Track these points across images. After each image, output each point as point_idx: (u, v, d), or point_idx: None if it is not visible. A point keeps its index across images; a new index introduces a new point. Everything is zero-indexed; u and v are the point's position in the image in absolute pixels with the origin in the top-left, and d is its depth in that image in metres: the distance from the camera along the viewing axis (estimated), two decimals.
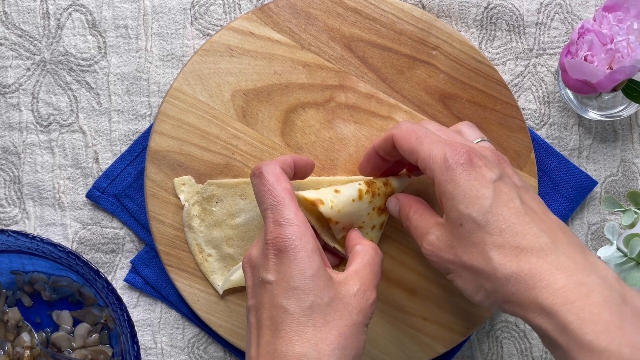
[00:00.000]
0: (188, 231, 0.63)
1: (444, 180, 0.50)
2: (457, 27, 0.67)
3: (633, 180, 0.68)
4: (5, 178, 0.66)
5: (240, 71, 0.64)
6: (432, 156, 0.51)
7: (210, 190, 0.63)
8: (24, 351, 0.64)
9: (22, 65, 0.66)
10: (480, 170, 0.49)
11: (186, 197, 0.63)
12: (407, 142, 0.53)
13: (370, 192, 0.58)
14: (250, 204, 0.63)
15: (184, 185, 0.63)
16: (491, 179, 0.49)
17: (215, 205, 0.63)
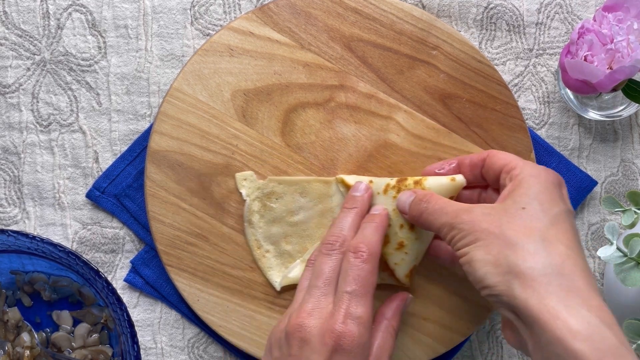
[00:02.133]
0: (248, 226, 0.64)
1: (529, 176, 0.52)
2: (457, 27, 0.67)
3: (633, 180, 0.68)
4: (5, 178, 0.66)
5: (240, 71, 0.64)
6: (526, 163, 0.54)
7: (271, 187, 0.63)
8: (24, 351, 0.64)
9: (22, 65, 0.66)
10: (563, 196, 0.52)
11: (247, 192, 0.63)
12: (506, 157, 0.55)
13: (397, 187, 0.58)
14: (310, 202, 0.63)
15: (245, 180, 0.63)
16: (568, 207, 0.52)
17: (275, 202, 0.63)
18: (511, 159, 0.55)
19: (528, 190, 0.51)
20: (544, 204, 0.50)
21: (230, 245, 0.64)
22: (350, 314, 0.51)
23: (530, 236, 0.48)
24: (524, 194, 0.51)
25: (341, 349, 0.50)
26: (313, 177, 0.64)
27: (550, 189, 0.51)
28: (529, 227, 0.49)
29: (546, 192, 0.51)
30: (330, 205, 0.63)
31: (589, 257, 0.68)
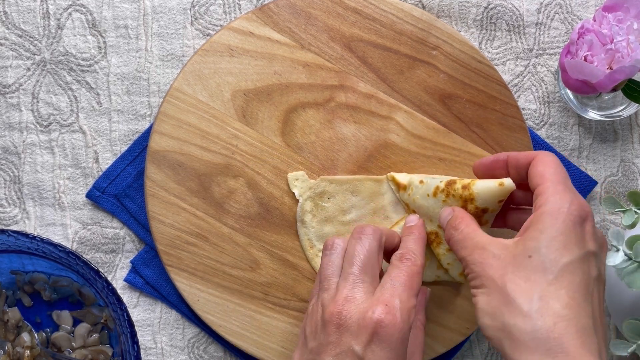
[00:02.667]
0: (300, 226, 0.64)
1: (549, 213, 0.49)
2: (457, 27, 0.67)
3: (633, 180, 0.68)
4: (5, 178, 0.66)
5: (240, 71, 0.64)
6: (557, 189, 0.50)
7: (323, 186, 0.63)
8: (24, 351, 0.64)
9: (22, 65, 0.66)
10: (585, 234, 0.49)
11: (300, 192, 0.63)
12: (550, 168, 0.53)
13: (446, 191, 0.58)
14: (361, 200, 0.63)
15: (297, 180, 0.64)
16: (589, 249, 0.49)
17: (328, 201, 0.63)
18: (544, 180, 0.52)
19: (542, 232, 0.49)
20: (554, 253, 0.48)
21: (230, 245, 0.64)
22: (392, 304, 0.50)
23: (528, 293, 0.47)
24: (536, 237, 0.49)
25: (379, 337, 0.49)
26: (364, 175, 0.64)
27: (568, 231, 0.48)
28: (530, 280, 0.48)
29: (561, 236, 0.48)
30: (382, 204, 0.63)
31: None
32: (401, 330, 0.50)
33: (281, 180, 0.64)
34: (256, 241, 0.64)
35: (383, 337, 0.49)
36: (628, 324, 0.57)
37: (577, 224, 0.49)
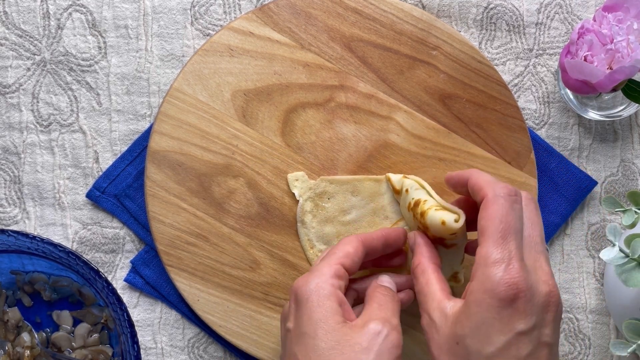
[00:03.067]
0: (300, 226, 0.64)
1: (474, 300, 0.47)
2: (457, 27, 0.67)
3: (633, 180, 0.68)
4: (5, 178, 0.66)
5: (240, 71, 0.64)
6: (490, 262, 0.47)
7: (323, 187, 0.63)
8: (24, 351, 0.64)
9: (22, 65, 0.66)
10: (514, 314, 0.46)
11: (300, 192, 0.63)
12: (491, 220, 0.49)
13: (412, 211, 0.58)
14: (361, 201, 0.63)
15: (297, 180, 0.64)
16: (518, 330, 0.47)
17: (328, 202, 0.63)
18: (482, 240, 0.49)
19: (468, 319, 0.48)
20: (477, 344, 0.47)
21: (230, 245, 0.64)
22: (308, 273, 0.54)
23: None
24: (463, 324, 0.48)
25: (300, 297, 0.52)
26: (364, 175, 0.64)
27: (492, 319, 0.47)
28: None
29: (484, 326, 0.47)
30: (382, 204, 0.63)
31: (589, 257, 0.68)
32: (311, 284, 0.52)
33: (281, 180, 0.64)
34: (256, 241, 0.64)
35: (299, 299, 0.52)
36: (628, 324, 0.57)
37: (503, 308, 0.46)
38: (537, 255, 0.50)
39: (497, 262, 0.47)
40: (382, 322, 0.51)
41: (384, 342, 0.50)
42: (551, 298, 0.48)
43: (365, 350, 0.49)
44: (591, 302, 0.68)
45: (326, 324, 0.50)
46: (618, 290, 0.63)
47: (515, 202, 0.50)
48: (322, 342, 0.49)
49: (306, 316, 0.50)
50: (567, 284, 0.67)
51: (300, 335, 0.50)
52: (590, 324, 0.68)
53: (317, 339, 0.49)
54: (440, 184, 0.64)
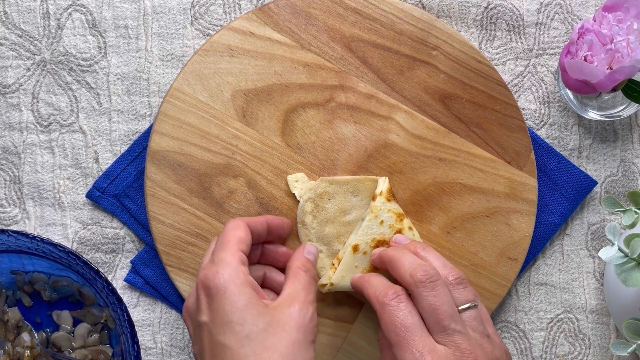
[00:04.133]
0: (301, 227, 0.64)
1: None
2: (457, 27, 0.67)
3: (633, 180, 0.68)
4: (5, 178, 0.66)
5: (241, 71, 0.64)
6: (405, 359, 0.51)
7: (323, 187, 0.63)
8: (24, 351, 0.64)
9: (23, 65, 0.66)
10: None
11: (300, 193, 0.63)
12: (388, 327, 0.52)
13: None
14: (362, 201, 0.63)
15: (297, 181, 0.63)
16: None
17: (328, 202, 0.63)
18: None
19: None
20: None
21: None
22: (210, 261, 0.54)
23: None
24: None
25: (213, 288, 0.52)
26: (363, 175, 0.64)
27: None
28: None
29: None
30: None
31: (589, 257, 0.68)
32: (224, 274, 0.52)
33: (281, 181, 0.64)
34: None
35: (213, 291, 0.52)
36: (628, 324, 0.57)
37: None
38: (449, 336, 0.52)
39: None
40: (305, 305, 0.53)
41: (309, 322, 0.52)
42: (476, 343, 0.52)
43: (295, 329, 0.51)
44: (591, 302, 0.68)
45: (253, 309, 0.51)
46: (618, 290, 0.63)
47: (399, 302, 0.53)
48: (253, 327, 0.50)
49: (228, 306, 0.50)
50: (567, 284, 0.67)
51: (225, 324, 0.50)
52: (590, 324, 0.68)
53: (247, 324, 0.50)
54: (440, 185, 0.64)
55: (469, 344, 0.51)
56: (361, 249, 0.60)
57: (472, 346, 0.51)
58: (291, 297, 0.53)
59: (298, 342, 0.50)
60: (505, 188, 0.65)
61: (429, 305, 0.52)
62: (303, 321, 0.51)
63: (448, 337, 0.51)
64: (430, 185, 0.64)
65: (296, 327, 0.51)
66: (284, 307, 0.52)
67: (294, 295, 0.53)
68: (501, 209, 0.65)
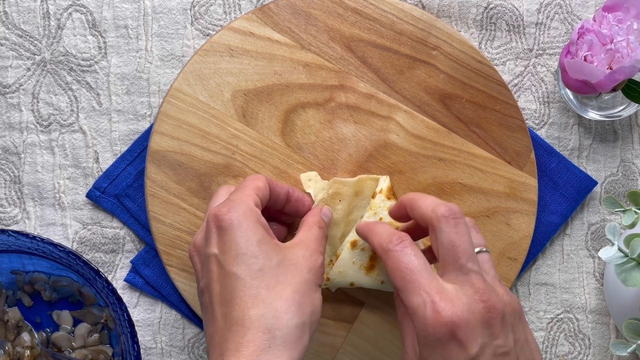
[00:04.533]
0: None
1: (423, 340, 0.48)
2: (457, 27, 0.67)
3: (633, 180, 0.68)
4: (5, 178, 0.66)
5: (241, 71, 0.64)
6: (413, 306, 0.48)
7: (335, 188, 0.61)
8: (24, 351, 0.64)
9: (23, 65, 0.66)
10: (460, 346, 0.47)
11: (315, 192, 0.62)
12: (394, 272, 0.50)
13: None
14: (363, 200, 0.62)
15: (310, 180, 0.63)
16: (469, 356, 0.47)
17: (339, 204, 0.61)
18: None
19: (407, 354, 0.50)
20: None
21: None
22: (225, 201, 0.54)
23: None
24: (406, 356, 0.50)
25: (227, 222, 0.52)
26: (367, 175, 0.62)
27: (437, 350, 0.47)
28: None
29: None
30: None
31: (589, 257, 0.68)
32: (238, 210, 0.52)
33: (281, 181, 0.64)
34: None
35: (226, 224, 0.51)
36: (628, 324, 0.57)
37: (443, 343, 0.47)
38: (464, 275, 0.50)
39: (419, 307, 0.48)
40: (316, 252, 0.54)
41: (319, 267, 0.53)
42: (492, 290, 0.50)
43: (306, 269, 0.52)
44: (591, 302, 0.68)
45: (266, 245, 0.51)
46: (618, 290, 0.63)
47: (403, 247, 0.51)
48: (267, 260, 0.50)
49: (242, 239, 0.51)
50: (567, 284, 0.67)
51: (238, 255, 0.50)
52: (590, 324, 0.68)
53: (261, 257, 0.50)
54: (440, 184, 0.64)
55: (484, 284, 0.49)
56: (359, 245, 0.59)
57: (487, 287, 0.49)
58: (303, 242, 0.54)
59: (309, 281, 0.51)
60: (505, 188, 0.65)
61: (449, 242, 0.50)
62: (314, 264, 0.52)
63: (464, 276, 0.49)
64: (430, 185, 0.64)
65: (307, 268, 0.52)
66: (296, 249, 0.53)
67: (306, 242, 0.54)
68: (501, 209, 0.65)
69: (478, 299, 0.48)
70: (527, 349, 0.50)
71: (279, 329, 0.48)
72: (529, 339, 0.51)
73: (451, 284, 0.49)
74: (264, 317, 0.48)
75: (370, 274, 0.60)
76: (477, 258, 0.50)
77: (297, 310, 0.49)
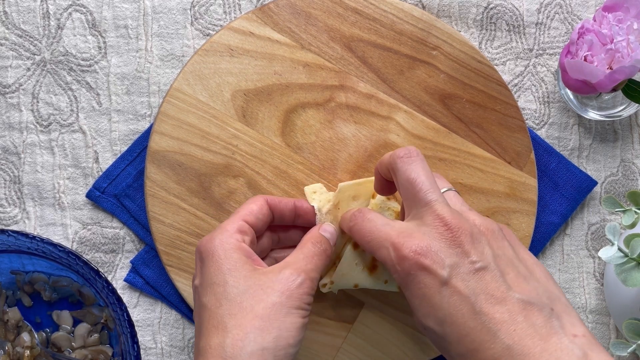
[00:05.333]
0: None
1: (400, 283, 0.49)
2: (457, 27, 0.67)
3: (633, 180, 0.68)
4: (5, 178, 0.66)
5: (241, 71, 0.64)
6: (382, 258, 0.49)
7: (339, 197, 0.59)
8: (24, 351, 0.64)
9: (22, 65, 0.66)
10: (430, 273, 0.47)
11: (319, 206, 0.60)
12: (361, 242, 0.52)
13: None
14: (362, 203, 0.60)
15: (315, 193, 0.61)
16: (441, 280, 0.46)
17: (339, 211, 0.59)
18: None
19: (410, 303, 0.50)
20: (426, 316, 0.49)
21: None
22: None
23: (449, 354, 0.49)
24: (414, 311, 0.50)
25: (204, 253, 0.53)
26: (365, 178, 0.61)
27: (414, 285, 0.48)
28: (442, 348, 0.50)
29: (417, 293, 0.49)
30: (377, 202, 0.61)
31: (589, 257, 0.68)
32: (214, 240, 0.52)
33: (281, 181, 0.64)
34: None
35: (203, 256, 0.52)
36: (628, 324, 0.57)
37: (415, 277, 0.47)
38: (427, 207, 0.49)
39: (386, 257, 0.49)
40: (297, 271, 0.51)
41: (297, 288, 0.50)
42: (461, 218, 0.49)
43: (276, 292, 0.49)
44: (591, 302, 0.68)
45: (236, 272, 0.50)
46: (618, 290, 0.63)
47: (360, 215, 0.53)
48: (233, 288, 0.50)
49: (213, 268, 0.51)
50: (567, 284, 0.67)
51: (208, 286, 0.50)
52: (590, 324, 0.68)
53: (228, 285, 0.50)
54: None
55: (447, 209, 0.48)
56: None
57: (450, 211, 0.48)
58: (286, 263, 0.52)
59: (278, 304, 0.49)
60: (505, 188, 0.65)
61: (406, 179, 0.49)
62: (289, 285, 0.50)
63: (424, 208, 0.48)
64: None
65: (280, 291, 0.49)
66: (274, 272, 0.51)
67: (290, 262, 0.52)
68: (501, 209, 0.65)
69: (439, 223, 0.47)
70: (520, 265, 0.49)
71: (233, 357, 0.47)
72: (523, 257, 0.50)
73: (411, 222, 0.49)
74: (221, 345, 0.48)
75: (373, 274, 0.59)
76: (439, 191, 0.49)
77: (256, 337, 0.48)
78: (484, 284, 0.46)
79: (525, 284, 0.47)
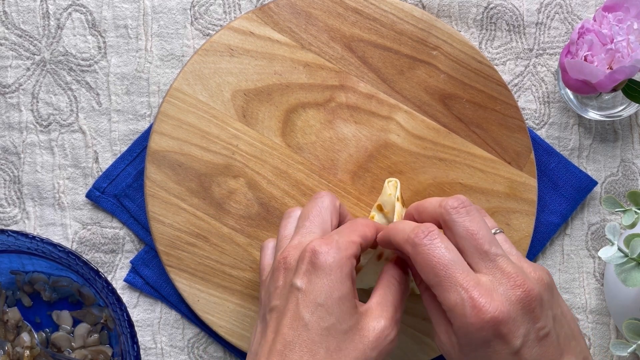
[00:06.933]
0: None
1: (463, 341, 0.47)
2: (457, 27, 0.67)
3: (633, 180, 0.68)
4: (5, 178, 0.66)
5: (241, 71, 0.64)
6: (449, 304, 0.47)
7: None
8: (24, 351, 0.64)
9: (22, 65, 0.66)
10: (504, 342, 0.46)
11: (362, 260, 0.59)
12: (425, 269, 0.48)
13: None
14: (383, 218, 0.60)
15: (391, 182, 0.59)
16: (513, 350, 0.46)
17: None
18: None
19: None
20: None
21: (230, 245, 0.64)
22: (327, 236, 0.51)
23: None
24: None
25: (314, 265, 0.49)
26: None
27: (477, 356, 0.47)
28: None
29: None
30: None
31: (589, 257, 0.68)
32: (335, 256, 0.49)
33: (281, 181, 0.64)
34: (256, 241, 0.64)
35: (319, 265, 0.49)
36: (628, 324, 0.57)
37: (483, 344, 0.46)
38: (491, 261, 0.48)
39: (457, 305, 0.46)
40: (392, 325, 0.50)
41: (389, 343, 0.50)
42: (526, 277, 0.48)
43: (371, 345, 0.49)
44: (591, 302, 0.68)
45: (344, 305, 0.48)
46: (618, 290, 0.63)
47: (432, 238, 0.48)
48: (338, 323, 0.48)
49: (326, 287, 0.48)
50: (567, 284, 0.68)
51: (314, 304, 0.48)
52: (590, 324, 0.68)
53: (334, 316, 0.48)
54: (440, 185, 0.64)
55: (514, 268, 0.47)
56: (385, 256, 0.58)
57: (518, 271, 0.47)
58: (381, 309, 0.50)
59: (368, 358, 0.48)
60: (505, 188, 0.65)
61: (465, 231, 0.48)
62: (382, 341, 0.49)
63: (491, 263, 0.47)
64: (430, 186, 0.64)
65: (374, 343, 0.49)
66: (371, 318, 0.50)
67: (383, 308, 0.50)
68: (501, 209, 0.65)
69: (513, 285, 0.46)
70: (565, 322, 0.49)
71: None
72: (564, 310, 0.50)
73: (485, 275, 0.47)
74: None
75: None
76: (497, 241, 0.49)
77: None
78: (544, 350, 0.47)
79: (568, 345, 0.48)
